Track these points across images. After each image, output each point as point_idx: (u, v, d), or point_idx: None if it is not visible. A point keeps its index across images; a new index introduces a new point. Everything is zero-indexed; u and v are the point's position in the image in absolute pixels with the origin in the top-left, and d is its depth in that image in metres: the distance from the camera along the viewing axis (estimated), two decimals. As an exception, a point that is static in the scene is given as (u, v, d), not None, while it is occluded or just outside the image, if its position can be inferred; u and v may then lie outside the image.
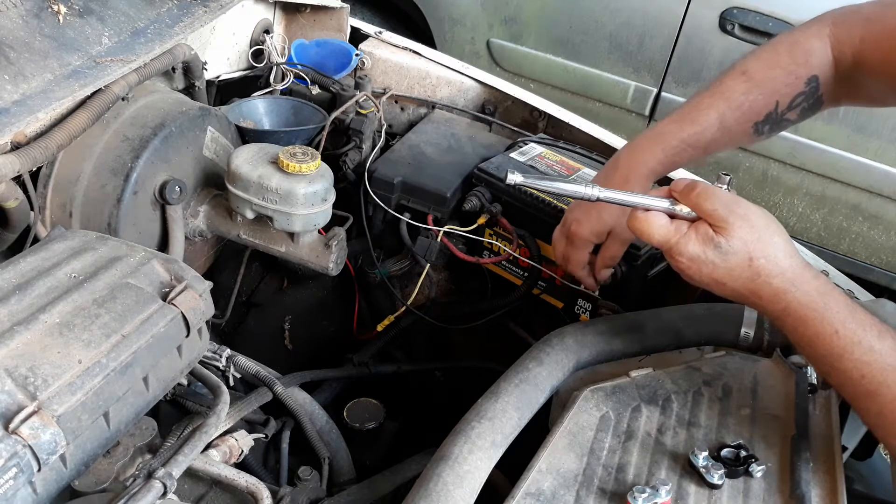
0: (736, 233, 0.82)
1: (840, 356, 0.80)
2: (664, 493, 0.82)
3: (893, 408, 0.78)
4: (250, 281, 1.62)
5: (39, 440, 0.73)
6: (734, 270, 0.83)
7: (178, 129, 1.27)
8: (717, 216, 0.82)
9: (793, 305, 0.82)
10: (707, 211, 0.83)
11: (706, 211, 0.83)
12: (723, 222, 0.82)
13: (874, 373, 0.79)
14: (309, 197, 1.22)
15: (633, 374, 1.03)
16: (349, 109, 1.58)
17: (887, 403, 0.78)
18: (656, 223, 0.85)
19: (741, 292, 0.85)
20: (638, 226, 0.86)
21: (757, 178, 2.81)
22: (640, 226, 0.86)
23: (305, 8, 1.79)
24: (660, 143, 1.05)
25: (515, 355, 1.04)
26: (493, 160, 1.45)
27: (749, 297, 0.85)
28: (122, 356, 0.84)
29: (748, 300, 0.86)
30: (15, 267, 0.92)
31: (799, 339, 0.83)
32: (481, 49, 3.10)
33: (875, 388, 0.78)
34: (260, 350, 1.32)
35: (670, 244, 0.85)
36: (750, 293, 0.84)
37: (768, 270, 0.82)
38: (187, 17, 1.37)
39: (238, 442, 1.04)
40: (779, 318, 0.84)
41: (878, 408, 0.79)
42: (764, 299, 0.84)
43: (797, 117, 1.06)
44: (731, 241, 0.82)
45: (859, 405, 0.82)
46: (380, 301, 1.59)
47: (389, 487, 1.09)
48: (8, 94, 1.06)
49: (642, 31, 2.78)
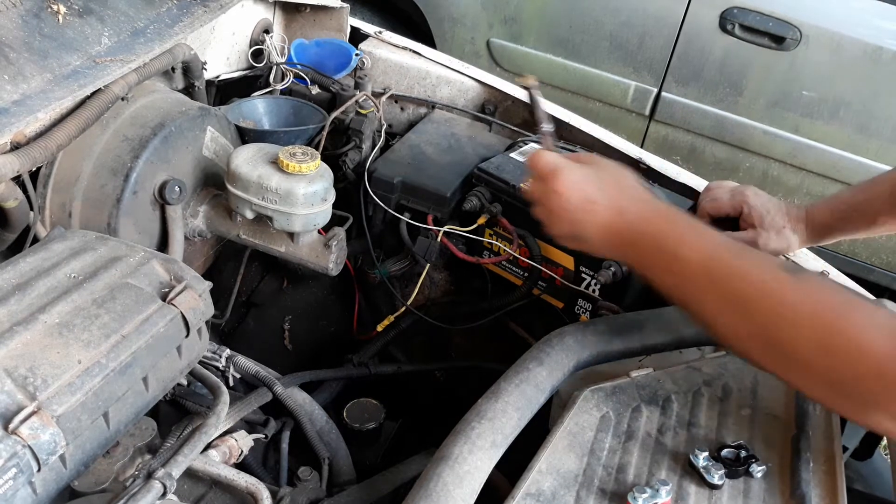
0: (606, 163, 0.97)
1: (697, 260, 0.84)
2: (664, 494, 0.82)
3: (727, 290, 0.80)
4: (250, 281, 1.62)
5: (39, 440, 0.73)
6: (605, 187, 0.92)
7: (177, 129, 1.27)
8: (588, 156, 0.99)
9: (652, 218, 0.89)
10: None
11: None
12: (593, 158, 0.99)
13: (718, 265, 0.82)
14: (309, 197, 1.21)
15: (633, 375, 1.03)
16: (349, 109, 1.58)
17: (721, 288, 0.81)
18: (553, 153, 0.98)
19: (607, 216, 0.90)
20: (538, 153, 0.97)
21: (757, 178, 2.81)
22: (539, 153, 0.97)
23: (305, 8, 1.79)
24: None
25: (515, 355, 1.04)
26: (493, 160, 1.45)
27: (614, 220, 0.90)
28: (121, 356, 0.84)
29: (613, 227, 0.90)
30: (14, 267, 0.91)
31: (657, 250, 0.87)
32: (481, 49, 3.10)
33: (718, 276, 0.81)
34: (260, 350, 1.33)
35: (559, 166, 0.93)
36: (616, 213, 0.90)
37: (631, 191, 0.92)
38: (187, 17, 1.37)
39: (238, 442, 1.04)
40: (638, 234, 0.88)
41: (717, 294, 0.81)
42: (628, 215, 0.89)
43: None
44: (604, 168, 0.96)
45: (699, 298, 0.83)
46: (380, 301, 1.59)
47: (389, 487, 1.09)
48: (8, 94, 1.06)
49: (642, 30, 2.78)
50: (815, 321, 0.74)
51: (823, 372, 0.73)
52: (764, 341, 0.77)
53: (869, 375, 0.69)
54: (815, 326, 0.73)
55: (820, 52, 2.56)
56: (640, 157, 1.55)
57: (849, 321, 0.72)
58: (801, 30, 2.55)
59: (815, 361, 0.73)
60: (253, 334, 1.61)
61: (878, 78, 2.53)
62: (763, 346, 0.77)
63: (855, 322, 0.72)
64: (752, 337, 0.78)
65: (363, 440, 1.24)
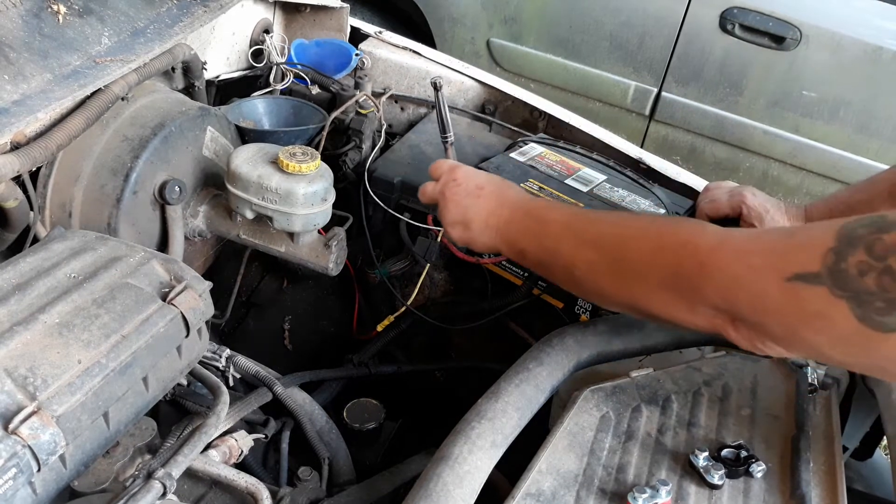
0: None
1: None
2: (664, 494, 0.82)
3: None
4: (250, 281, 1.62)
5: (39, 440, 0.73)
6: (493, 180, 1.06)
7: (177, 129, 1.27)
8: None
9: (529, 200, 1.02)
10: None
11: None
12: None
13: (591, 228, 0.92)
14: (309, 197, 1.21)
15: (633, 374, 1.03)
16: (349, 109, 1.58)
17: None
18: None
19: (491, 200, 1.02)
20: (439, 161, 1.12)
21: (757, 178, 2.81)
22: (440, 161, 1.12)
23: (305, 8, 1.79)
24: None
25: (515, 355, 1.04)
26: (493, 160, 1.45)
27: (496, 205, 1.01)
28: (121, 356, 0.84)
29: (495, 211, 1.01)
30: (15, 267, 0.91)
31: (529, 218, 0.98)
32: (481, 49, 3.10)
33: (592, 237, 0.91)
34: (260, 350, 1.32)
35: (458, 164, 1.09)
36: (499, 198, 1.02)
37: (516, 187, 1.06)
38: (187, 17, 1.37)
39: (238, 442, 1.04)
40: (514, 210, 1.00)
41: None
42: (509, 199, 1.02)
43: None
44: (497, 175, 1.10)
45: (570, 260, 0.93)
46: (379, 301, 1.59)
47: (389, 487, 1.08)
48: (8, 94, 1.06)
49: (642, 30, 2.78)
50: (649, 229, 0.85)
51: (656, 272, 0.81)
52: (611, 262, 0.86)
53: (692, 266, 0.77)
54: (650, 234, 0.84)
55: (820, 52, 2.56)
56: (640, 157, 1.56)
57: (678, 226, 0.83)
58: (801, 30, 2.55)
59: (649, 262, 0.82)
60: (253, 334, 1.61)
61: (878, 78, 2.53)
62: (611, 268, 0.87)
63: (686, 226, 0.82)
64: (602, 263, 0.88)
65: (363, 440, 1.24)
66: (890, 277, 0.62)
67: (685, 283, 0.78)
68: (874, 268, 0.63)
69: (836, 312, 0.65)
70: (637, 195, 1.37)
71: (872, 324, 0.63)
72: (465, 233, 1.05)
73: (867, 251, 0.64)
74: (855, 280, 0.64)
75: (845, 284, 0.65)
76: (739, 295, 0.73)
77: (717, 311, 0.77)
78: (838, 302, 0.65)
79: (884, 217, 0.65)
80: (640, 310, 0.87)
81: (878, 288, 0.63)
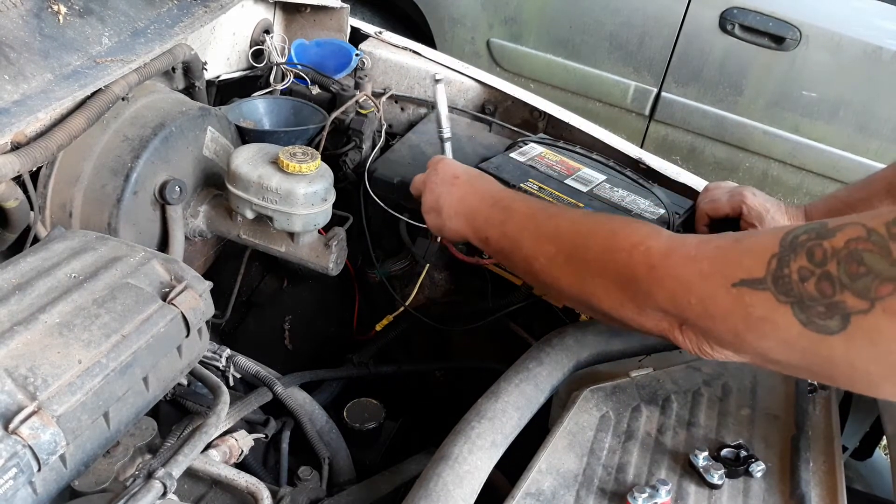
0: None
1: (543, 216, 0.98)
2: (664, 493, 0.82)
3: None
4: (250, 281, 1.62)
5: (39, 440, 0.73)
6: (470, 171, 1.11)
7: (178, 129, 1.27)
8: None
9: (497, 190, 1.06)
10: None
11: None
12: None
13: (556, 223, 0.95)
14: (309, 197, 1.22)
15: (633, 374, 1.03)
16: (349, 109, 1.58)
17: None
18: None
19: (463, 188, 1.07)
20: (436, 157, 1.18)
21: (757, 178, 2.82)
22: (437, 157, 1.18)
23: (305, 8, 1.79)
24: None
25: (515, 355, 1.04)
26: (493, 160, 1.45)
27: (467, 192, 1.06)
28: (122, 356, 0.85)
29: (465, 198, 1.05)
30: (15, 267, 0.92)
31: (495, 207, 1.02)
32: (481, 49, 3.10)
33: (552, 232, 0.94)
34: (260, 350, 1.32)
35: (446, 158, 1.16)
36: (470, 186, 1.07)
37: (490, 179, 1.11)
38: (187, 17, 1.37)
39: (238, 442, 1.04)
40: (482, 198, 1.04)
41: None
42: (480, 188, 1.07)
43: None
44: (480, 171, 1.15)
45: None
46: (379, 301, 1.59)
47: (389, 487, 1.09)
48: (8, 94, 1.06)
49: (642, 31, 2.79)
50: (604, 228, 0.87)
51: (608, 271, 0.83)
52: (567, 257, 0.89)
53: (643, 269, 0.78)
54: (604, 232, 0.86)
55: (820, 52, 2.56)
56: (640, 157, 1.55)
57: (632, 227, 0.84)
58: (801, 30, 2.55)
59: (603, 260, 0.83)
60: (253, 334, 1.61)
61: (878, 78, 2.53)
62: (567, 263, 0.89)
63: (637, 228, 0.83)
64: (559, 258, 0.90)
65: (363, 440, 1.24)
66: (829, 283, 0.64)
67: (635, 286, 0.80)
68: (814, 273, 0.65)
69: (780, 317, 0.67)
70: (637, 195, 1.37)
71: (815, 328, 0.65)
72: (437, 219, 1.09)
73: (808, 257, 0.66)
74: (797, 286, 0.66)
75: (788, 290, 0.66)
76: (688, 300, 0.75)
77: (665, 314, 0.79)
78: (782, 307, 0.67)
79: (824, 224, 0.67)
80: (593, 307, 0.89)
81: (819, 293, 0.64)
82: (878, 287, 0.61)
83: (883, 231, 0.62)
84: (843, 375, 0.69)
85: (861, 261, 0.62)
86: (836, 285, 0.63)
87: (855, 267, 0.62)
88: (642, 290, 0.79)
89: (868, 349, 0.63)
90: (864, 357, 0.64)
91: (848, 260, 0.63)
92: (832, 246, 0.64)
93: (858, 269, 0.62)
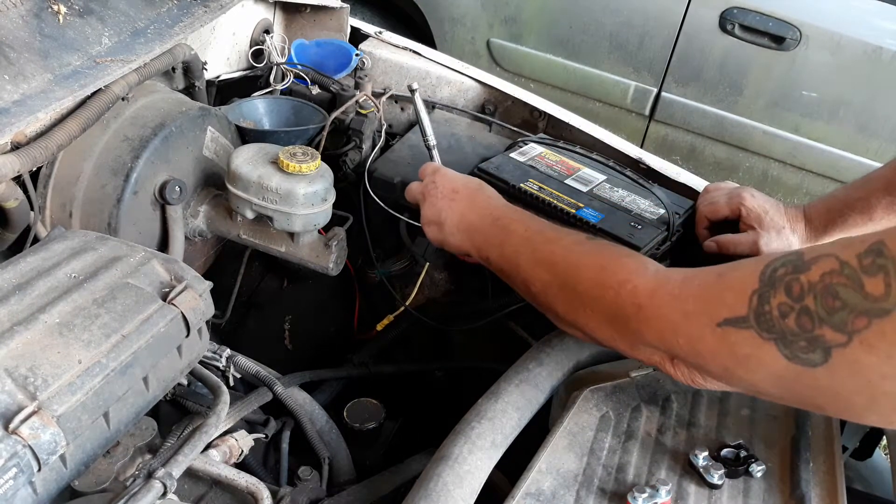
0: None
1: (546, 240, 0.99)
2: (664, 493, 0.82)
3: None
4: (250, 281, 1.62)
5: (39, 440, 0.73)
6: (469, 185, 1.13)
7: (178, 129, 1.27)
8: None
9: (497, 207, 1.08)
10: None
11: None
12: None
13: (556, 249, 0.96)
14: (309, 197, 1.22)
15: (633, 374, 1.03)
16: (349, 109, 1.58)
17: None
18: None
19: (463, 204, 1.09)
20: (427, 164, 1.21)
21: (757, 178, 2.82)
22: (428, 163, 1.21)
23: (305, 8, 1.79)
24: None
25: (515, 355, 1.04)
26: (493, 160, 1.45)
27: (467, 208, 1.08)
28: (122, 356, 0.84)
29: (466, 214, 1.07)
30: (15, 267, 0.91)
31: (494, 226, 1.04)
32: (481, 49, 3.10)
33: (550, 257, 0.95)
34: (260, 350, 1.32)
35: (441, 168, 1.18)
36: (470, 202, 1.09)
37: (488, 193, 1.13)
38: (187, 17, 1.37)
39: (238, 442, 1.04)
40: (482, 216, 1.06)
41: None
42: (479, 204, 1.08)
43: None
44: (475, 180, 1.17)
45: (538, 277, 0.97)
46: (380, 301, 1.59)
47: (389, 487, 1.09)
48: (8, 94, 1.06)
49: (642, 31, 2.79)
50: (594, 261, 0.88)
51: (599, 307, 0.85)
52: (560, 285, 0.91)
53: (631, 308, 0.80)
54: (594, 266, 0.87)
55: (820, 52, 2.56)
56: (640, 157, 1.55)
57: (620, 263, 0.85)
58: (801, 30, 2.55)
59: (593, 295, 0.85)
60: (253, 334, 1.61)
61: (878, 78, 2.54)
62: (562, 292, 0.91)
63: (625, 264, 0.85)
64: (554, 285, 0.92)
65: (363, 440, 1.24)
66: (808, 318, 0.65)
67: (625, 324, 0.81)
68: (794, 309, 0.66)
69: (765, 354, 0.68)
70: (637, 195, 1.37)
71: (799, 362, 0.66)
72: (438, 233, 1.11)
73: (786, 292, 0.67)
74: (778, 322, 0.67)
75: (770, 327, 0.67)
76: (676, 340, 0.76)
77: (655, 350, 0.81)
78: (766, 344, 0.68)
79: (800, 256, 0.68)
80: (588, 336, 0.91)
81: (799, 328, 0.65)
82: (853, 321, 0.62)
83: (855, 264, 0.63)
84: (830, 405, 0.70)
85: (836, 295, 0.63)
86: (814, 320, 0.64)
87: (831, 301, 0.63)
88: (631, 328, 0.81)
89: (850, 380, 0.64)
90: (848, 388, 0.65)
91: (824, 294, 0.64)
92: (808, 280, 0.65)
93: (834, 303, 0.63)
